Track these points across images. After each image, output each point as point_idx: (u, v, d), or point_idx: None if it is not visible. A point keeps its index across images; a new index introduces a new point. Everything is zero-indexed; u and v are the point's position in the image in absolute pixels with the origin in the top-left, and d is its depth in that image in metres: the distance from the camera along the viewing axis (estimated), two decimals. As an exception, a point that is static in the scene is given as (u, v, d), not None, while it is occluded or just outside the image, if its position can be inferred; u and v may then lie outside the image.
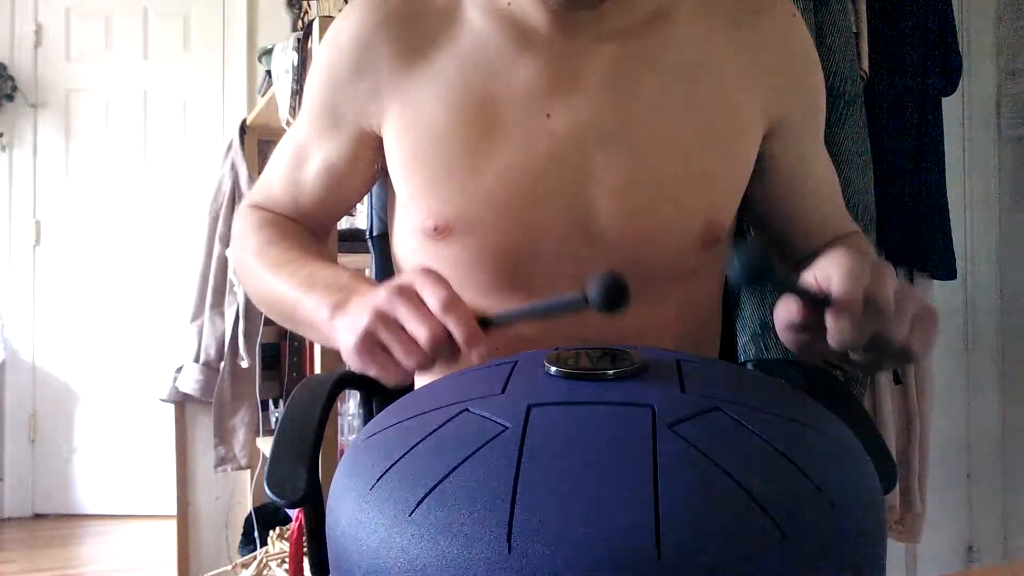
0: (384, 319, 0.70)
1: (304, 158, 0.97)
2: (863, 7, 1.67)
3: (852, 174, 1.57)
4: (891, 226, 1.71)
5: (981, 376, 2.31)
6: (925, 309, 0.69)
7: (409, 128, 0.88)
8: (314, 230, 1.00)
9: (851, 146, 1.57)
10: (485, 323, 0.71)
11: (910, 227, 1.75)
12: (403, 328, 0.69)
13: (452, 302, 0.68)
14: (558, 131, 0.85)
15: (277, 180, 1.00)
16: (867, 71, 1.67)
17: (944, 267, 1.82)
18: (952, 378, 2.28)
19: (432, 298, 0.69)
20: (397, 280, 0.72)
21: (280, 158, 1.00)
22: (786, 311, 0.70)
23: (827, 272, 0.67)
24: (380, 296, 0.70)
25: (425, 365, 0.70)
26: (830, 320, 0.65)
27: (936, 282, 1.85)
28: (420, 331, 0.68)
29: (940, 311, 0.70)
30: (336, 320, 0.76)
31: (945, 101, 1.83)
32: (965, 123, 2.30)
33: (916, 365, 1.76)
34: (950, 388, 2.26)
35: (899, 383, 1.79)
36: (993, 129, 2.31)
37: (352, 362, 0.73)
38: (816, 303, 0.67)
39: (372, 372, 0.72)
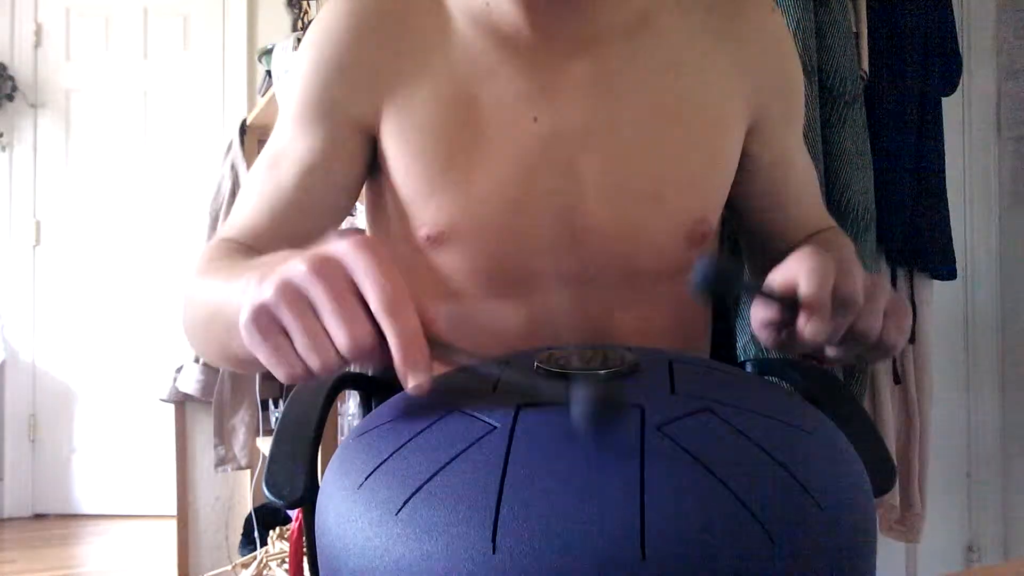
0: (293, 297, 0.52)
1: (281, 159, 0.88)
2: (863, 7, 1.67)
3: (852, 174, 1.56)
4: (891, 226, 1.71)
5: (981, 376, 2.30)
6: (896, 301, 0.69)
7: (402, 131, 0.86)
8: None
9: (851, 146, 1.57)
10: (432, 342, 0.54)
11: (910, 227, 1.75)
12: (316, 315, 0.53)
13: (400, 302, 0.52)
14: (545, 135, 0.84)
15: (247, 202, 0.88)
16: (867, 71, 1.66)
17: (944, 267, 1.82)
18: (952, 378, 2.28)
19: (374, 292, 0.52)
20: (324, 248, 0.54)
21: (251, 180, 0.89)
22: (760, 310, 0.70)
23: (793, 272, 0.67)
24: (296, 266, 0.53)
25: (331, 370, 0.53)
26: (800, 321, 0.65)
27: (936, 282, 1.85)
28: (340, 331, 0.52)
29: (940, 311, 0.70)
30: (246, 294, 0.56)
31: (945, 101, 1.83)
32: (965, 123, 2.29)
33: (895, 357, 1.76)
34: (950, 388, 2.26)
35: (899, 383, 1.78)
36: (993, 129, 2.30)
37: (245, 340, 0.55)
38: (784, 304, 0.67)
39: (261, 357, 0.55)
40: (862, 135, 1.59)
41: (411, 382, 0.52)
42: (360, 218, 2.18)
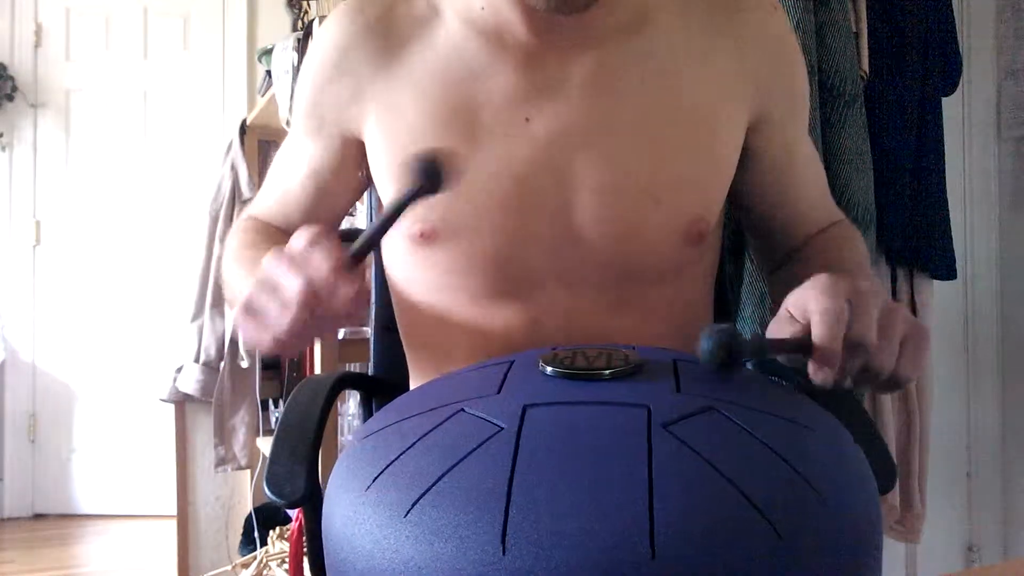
0: (263, 285, 0.67)
1: (291, 165, 0.98)
2: (863, 7, 1.66)
3: (852, 174, 1.56)
4: (891, 226, 1.71)
5: (981, 376, 2.30)
6: (914, 328, 0.67)
7: (389, 133, 0.89)
8: None
9: (851, 146, 1.57)
10: (353, 258, 0.67)
11: (910, 227, 1.75)
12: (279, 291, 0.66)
13: (314, 241, 0.65)
14: (538, 135, 0.85)
15: (269, 191, 1.01)
16: (867, 71, 1.66)
17: (944, 267, 1.81)
18: (952, 378, 2.28)
19: (298, 243, 0.66)
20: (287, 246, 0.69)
21: (273, 169, 1.01)
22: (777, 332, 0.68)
23: (806, 310, 0.65)
24: (265, 264, 0.68)
25: (300, 321, 0.65)
26: (811, 369, 0.64)
27: (936, 282, 1.85)
28: (290, 287, 0.64)
29: (940, 311, 0.69)
30: None
31: (945, 101, 1.83)
32: (965, 123, 2.29)
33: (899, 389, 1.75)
34: (950, 388, 2.26)
35: (899, 383, 1.78)
36: (993, 129, 2.30)
37: (241, 332, 0.70)
38: (799, 352, 0.65)
39: (254, 339, 0.68)
40: (862, 135, 1.59)
41: (340, 298, 0.64)
42: (360, 218, 2.18)
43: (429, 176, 0.66)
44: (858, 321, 0.63)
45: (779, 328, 0.67)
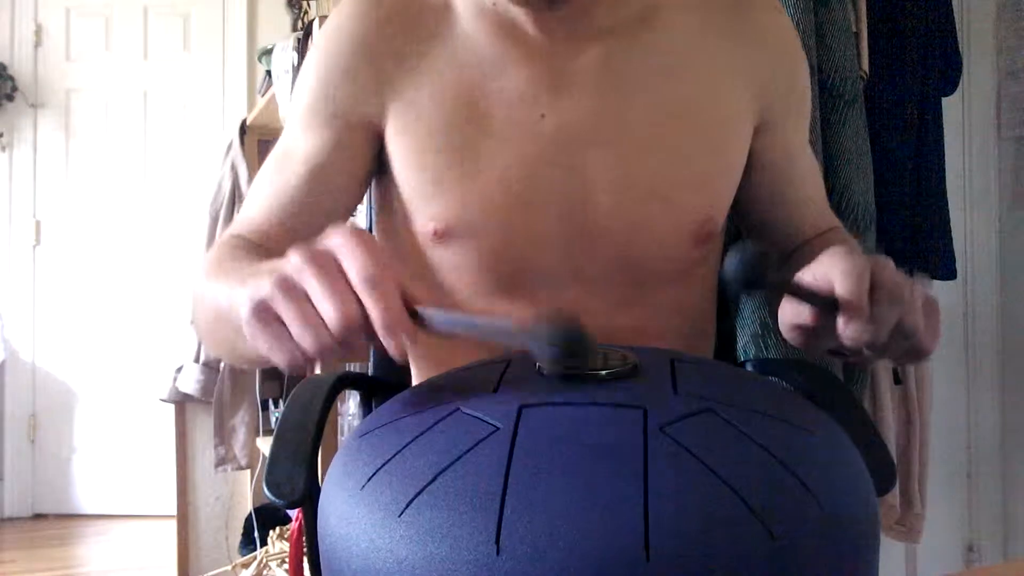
0: (287, 287, 0.55)
1: (288, 159, 0.90)
2: (863, 7, 1.66)
3: (852, 174, 1.56)
4: (891, 226, 1.71)
5: (981, 376, 2.30)
6: (929, 299, 0.68)
7: (408, 128, 0.87)
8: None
9: (851, 146, 1.57)
10: (413, 315, 0.57)
11: (910, 227, 1.75)
12: (309, 301, 0.55)
13: (378, 276, 0.54)
14: (552, 132, 0.85)
15: (256, 200, 0.91)
16: (867, 71, 1.66)
17: (944, 267, 1.82)
18: (952, 378, 2.28)
19: (353, 268, 0.54)
20: (318, 242, 0.57)
21: (261, 177, 0.92)
22: (793, 312, 0.69)
23: (826, 273, 0.65)
24: (290, 260, 0.56)
25: (328, 350, 0.54)
26: (840, 324, 0.64)
27: (936, 282, 1.85)
28: (327, 307, 0.53)
29: (940, 311, 0.69)
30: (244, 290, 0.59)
31: (945, 101, 1.83)
32: (965, 123, 2.29)
33: (925, 360, 1.75)
34: (950, 388, 2.25)
35: (899, 383, 1.78)
36: (993, 129, 2.30)
37: (247, 334, 0.58)
38: (822, 305, 0.65)
39: (262, 347, 0.57)
40: (862, 135, 1.59)
41: (392, 350, 0.54)
42: (360, 218, 2.18)
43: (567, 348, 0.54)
44: (886, 274, 0.64)
45: (795, 305, 0.67)
